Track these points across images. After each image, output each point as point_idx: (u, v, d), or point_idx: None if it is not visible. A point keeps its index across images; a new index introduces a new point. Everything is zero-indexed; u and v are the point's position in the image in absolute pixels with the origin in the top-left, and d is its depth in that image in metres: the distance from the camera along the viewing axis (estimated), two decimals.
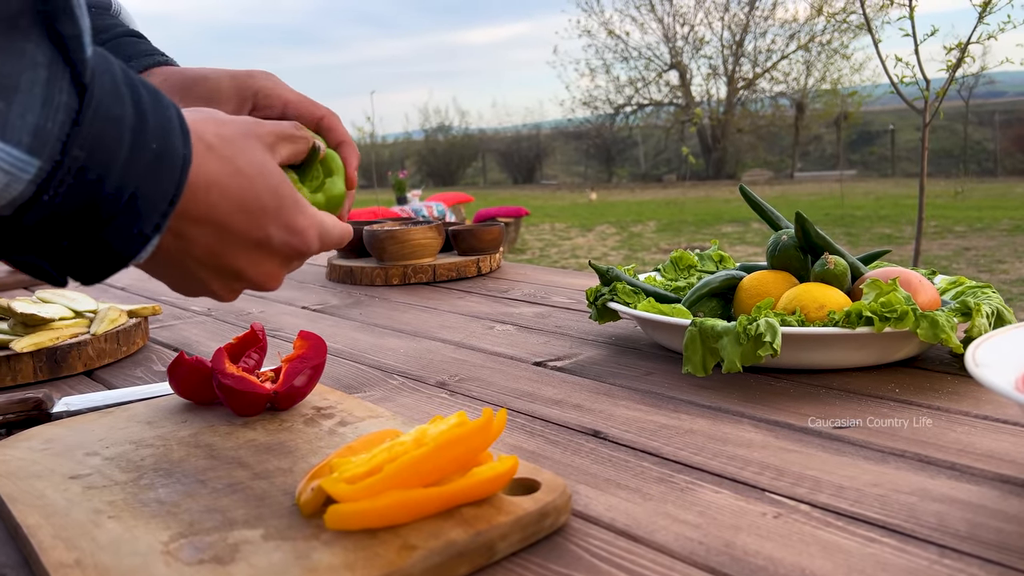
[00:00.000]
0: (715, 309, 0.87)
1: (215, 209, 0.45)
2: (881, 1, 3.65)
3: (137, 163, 0.39)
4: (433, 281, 1.38)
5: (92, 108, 0.37)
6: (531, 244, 8.13)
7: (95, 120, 0.37)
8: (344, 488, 0.44)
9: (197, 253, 0.46)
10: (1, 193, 0.35)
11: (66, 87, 0.36)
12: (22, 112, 0.34)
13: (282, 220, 0.48)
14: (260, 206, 0.47)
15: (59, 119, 0.35)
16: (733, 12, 18.94)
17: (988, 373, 0.49)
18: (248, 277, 0.49)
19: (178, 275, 0.48)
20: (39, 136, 0.35)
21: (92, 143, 0.37)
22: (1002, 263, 5.83)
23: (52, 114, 0.35)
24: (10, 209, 0.36)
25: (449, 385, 0.79)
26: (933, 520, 0.47)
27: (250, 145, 0.47)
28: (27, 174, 0.35)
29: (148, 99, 0.40)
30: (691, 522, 0.48)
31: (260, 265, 0.49)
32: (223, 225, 0.45)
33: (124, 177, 0.38)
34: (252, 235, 0.47)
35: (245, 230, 0.46)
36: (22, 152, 0.35)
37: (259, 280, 0.50)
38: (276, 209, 0.47)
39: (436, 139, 23.52)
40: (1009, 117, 17.55)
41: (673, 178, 18.95)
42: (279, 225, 0.48)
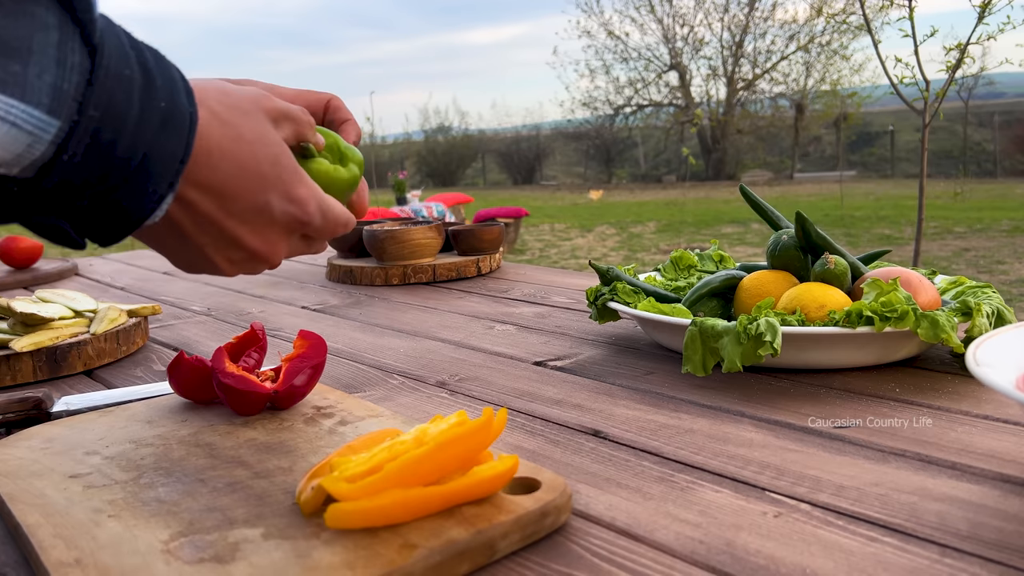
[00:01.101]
0: (715, 309, 0.87)
1: (216, 173, 0.45)
2: (881, 2, 3.65)
3: (148, 122, 0.39)
4: (433, 281, 1.38)
5: (103, 68, 0.37)
6: (531, 244, 8.13)
7: (107, 80, 0.37)
8: (344, 487, 0.44)
9: (198, 220, 0.46)
10: (24, 154, 0.36)
11: (77, 48, 0.36)
12: (39, 73, 0.35)
13: (281, 188, 0.48)
14: (260, 173, 0.47)
15: (74, 79, 0.36)
16: (733, 13, 18.96)
17: (989, 372, 0.49)
18: (248, 246, 0.48)
19: (180, 246, 0.48)
20: (57, 97, 0.36)
21: (105, 103, 0.37)
22: (1002, 264, 5.83)
23: (67, 75, 0.36)
24: (32, 170, 0.37)
25: (449, 385, 0.79)
26: (934, 519, 0.47)
27: (253, 114, 0.47)
28: (48, 135, 0.36)
29: (152, 60, 0.40)
30: (692, 521, 0.48)
31: (260, 233, 0.48)
32: (223, 190, 0.45)
33: (136, 136, 0.39)
34: (252, 201, 0.47)
35: (245, 196, 0.46)
36: (42, 113, 0.35)
37: (260, 250, 0.49)
38: (276, 177, 0.47)
39: (436, 140, 23.53)
40: (1009, 118, 17.55)
41: (673, 179, 18.95)
42: (279, 193, 0.48)
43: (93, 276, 1.67)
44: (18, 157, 0.36)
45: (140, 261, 1.86)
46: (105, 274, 1.69)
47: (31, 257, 1.66)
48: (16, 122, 0.35)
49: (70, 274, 1.69)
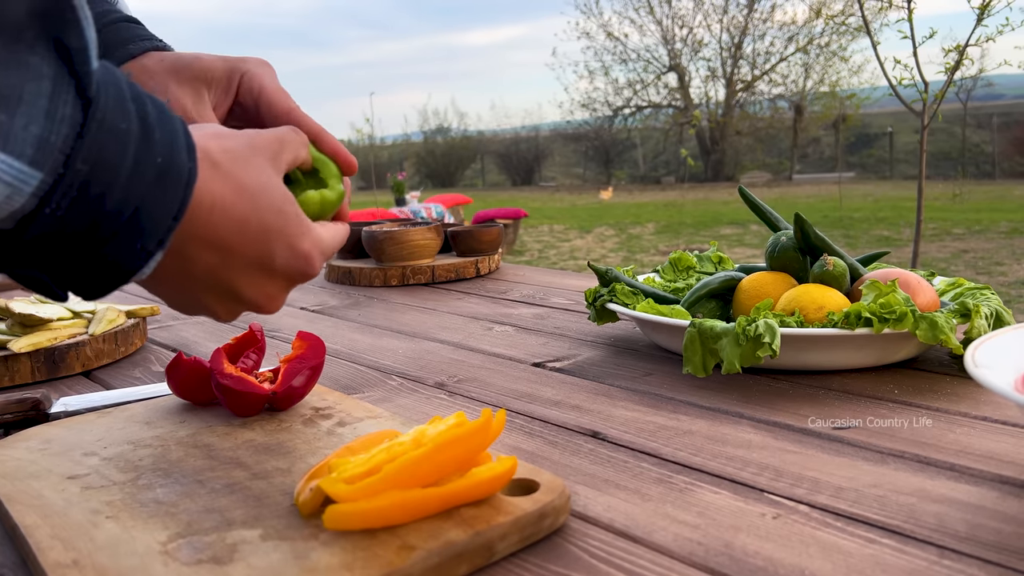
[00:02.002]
0: (714, 310, 0.87)
1: (217, 229, 0.44)
2: (880, 3, 3.65)
3: (141, 177, 0.38)
4: (432, 282, 1.38)
5: (96, 121, 0.36)
6: (530, 246, 8.13)
7: (99, 133, 0.36)
8: (343, 488, 0.44)
9: (197, 273, 0.45)
10: (2, 205, 0.34)
11: (70, 100, 0.35)
12: (25, 124, 0.34)
13: (285, 241, 0.47)
14: (264, 227, 0.46)
15: (63, 132, 0.35)
16: (732, 14, 18.98)
17: (987, 374, 0.49)
18: (248, 299, 0.48)
19: (176, 294, 0.47)
20: (42, 148, 0.34)
21: (96, 156, 0.36)
22: (1000, 265, 5.84)
23: (56, 127, 0.35)
24: (11, 222, 0.36)
25: (448, 386, 0.79)
26: (932, 521, 0.47)
27: (255, 160, 0.46)
28: (28, 187, 0.35)
29: (154, 112, 0.39)
30: (690, 523, 0.48)
31: (261, 287, 0.48)
32: (225, 246, 0.45)
33: (128, 191, 0.38)
34: (254, 256, 0.46)
35: (247, 251, 0.46)
36: (24, 164, 0.34)
37: (259, 302, 0.49)
38: (279, 230, 0.47)
39: (435, 141, 23.54)
40: (1007, 119, 17.57)
41: (672, 180, 18.96)
42: (283, 246, 0.47)
43: None
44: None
45: None
46: None
47: None
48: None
49: None
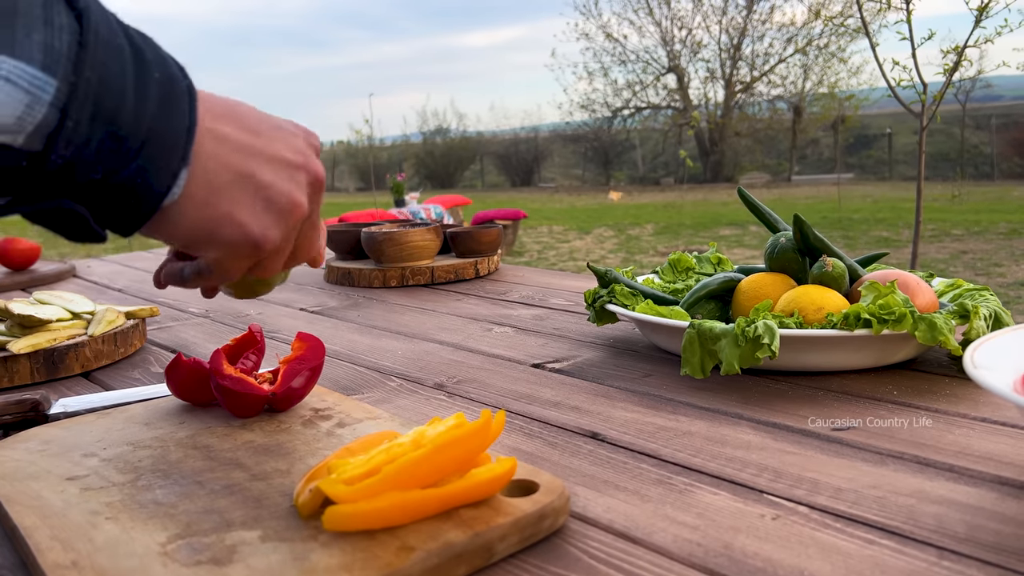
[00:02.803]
0: (713, 311, 0.87)
1: (236, 110, 0.45)
2: (878, 5, 3.66)
3: (146, 92, 0.38)
4: (431, 283, 1.38)
5: (93, 32, 0.36)
6: (529, 246, 8.13)
7: (98, 44, 0.36)
8: (342, 489, 0.44)
9: (239, 144, 0.45)
10: (25, 117, 0.34)
11: (63, 10, 0.35)
12: (27, 31, 0.34)
13: (289, 132, 0.49)
14: (269, 119, 0.48)
15: (64, 39, 0.35)
16: (731, 16, 18.98)
17: (986, 375, 0.49)
18: (277, 191, 0.46)
19: (205, 206, 0.43)
20: (49, 53, 0.34)
21: (101, 68, 0.36)
22: (999, 266, 5.84)
23: (56, 33, 0.35)
24: (40, 141, 0.35)
25: (447, 387, 0.79)
26: (932, 522, 0.47)
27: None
28: (47, 94, 0.34)
29: (137, 35, 0.40)
30: (689, 524, 0.48)
31: (286, 172, 0.47)
32: (247, 126, 0.45)
33: (138, 106, 0.38)
34: (272, 136, 0.47)
35: (263, 132, 0.47)
36: (36, 69, 0.34)
37: (290, 193, 0.47)
38: (281, 125, 0.49)
39: (434, 142, 23.54)
40: (1006, 121, 17.58)
41: (671, 181, 18.96)
42: (288, 135, 0.48)
43: (91, 278, 1.67)
44: (19, 121, 0.34)
45: (138, 263, 1.86)
46: (103, 276, 1.69)
47: (29, 259, 1.66)
48: (10, 77, 0.33)
49: (68, 276, 1.68)
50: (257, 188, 0.45)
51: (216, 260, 0.46)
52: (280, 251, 0.48)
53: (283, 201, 0.46)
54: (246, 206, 0.44)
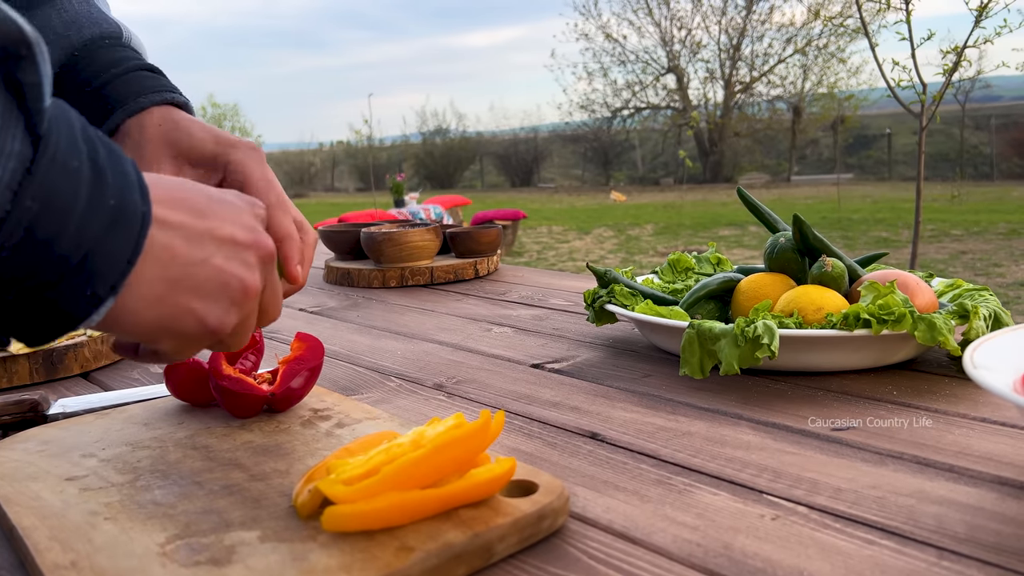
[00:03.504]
0: (713, 311, 0.87)
1: (179, 193, 0.44)
2: (878, 5, 3.66)
3: (94, 220, 0.37)
4: (431, 283, 1.38)
5: (47, 159, 0.35)
6: (528, 247, 8.13)
7: (50, 171, 0.35)
8: (341, 490, 0.44)
9: (190, 232, 0.43)
10: None
11: (20, 135, 0.34)
12: None
13: (238, 209, 0.47)
14: (220, 200, 0.47)
15: (10, 167, 0.34)
16: (730, 16, 19.00)
17: (986, 375, 0.49)
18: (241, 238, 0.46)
19: (190, 278, 0.43)
20: None
21: (46, 195, 0.35)
22: (998, 266, 5.84)
23: (3, 161, 0.34)
24: None
25: (447, 387, 0.79)
26: (931, 522, 0.47)
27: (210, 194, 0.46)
28: None
29: (104, 154, 0.38)
30: (689, 524, 0.48)
31: (236, 217, 0.46)
32: (190, 203, 0.44)
33: (80, 234, 0.36)
34: (213, 201, 0.46)
35: (207, 201, 0.45)
36: None
37: (242, 275, 0.46)
38: (233, 202, 0.48)
39: (434, 142, 23.54)
40: (1005, 121, 17.59)
41: (670, 181, 18.96)
42: (236, 212, 0.47)
43: None
44: None
45: None
46: None
47: None
48: None
49: None
50: (210, 275, 0.44)
51: (172, 347, 0.46)
52: (239, 329, 0.48)
53: (236, 286, 0.45)
54: (201, 296, 0.44)
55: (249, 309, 0.47)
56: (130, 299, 0.41)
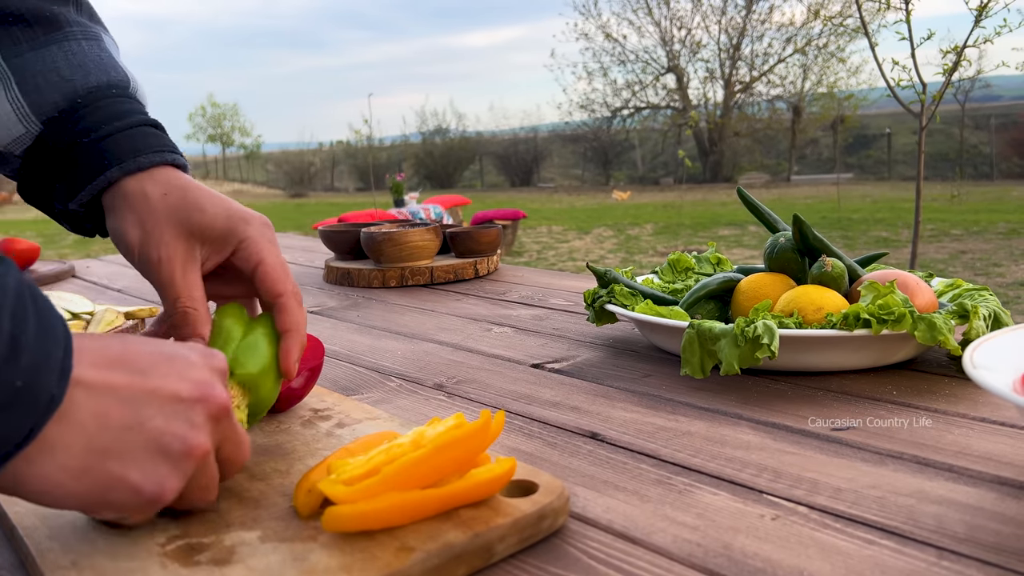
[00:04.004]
0: (713, 311, 0.87)
1: (120, 353, 0.42)
2: (878, 4, 3.66)
3: None
4: (431, 283, 1.38)
5: None
6: (528, 247, 8.13)
7: None
8: (342, 490, 0.44)
9: (127, 393, 0.41)
10: None
11: None
12: None
13: (181, 367, 0.44)
14: (159, 359, 0.43)
15: None
16: (730, 16, 18.99)
17: (986, 375, 0.49)
18: (186, 394, 0.43)
19: (122, 443, 0.40)
20: None
21: None
22: (998, 266, 5.84)
23: None
24: None
25: (447, 387, 0.79)
26: (931, 522, 0.47)
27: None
28: None
29: (33, 332, 0.37)
30: (689, 524, 0.48)
31: (183, 372, 0.44)
32: (131, 362, 0.42)
33: None
34: (158, 358, 0.43)
35: (150, 359, 0.43)
36: None
37: (184, 435, 0.42)
38: (171, 359, 0.44)
39: (433, 142, 23.54)
40: (1005, 121, 17.59)
41: (670, 181, 18.96)
42: (181, 369, 0.44)
43: (90, 278, 1.67)
44: None
45: None
46: (102, 276, 1.69)
47: (28, 259, 1.66)
48: None
49: (67, 276, 1.68)
50: (147, 439, 0.41)
51: (115, 516, 0.43)
52: (195, 489, 0.45)
53: (177, 447, 0.42)
54: (135, 462, 0.40)
55: (197, 469, 0.44)
56: (52, 471, 0.39)
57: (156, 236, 0.56)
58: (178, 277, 0.56)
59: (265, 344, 0.56)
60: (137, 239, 0.57)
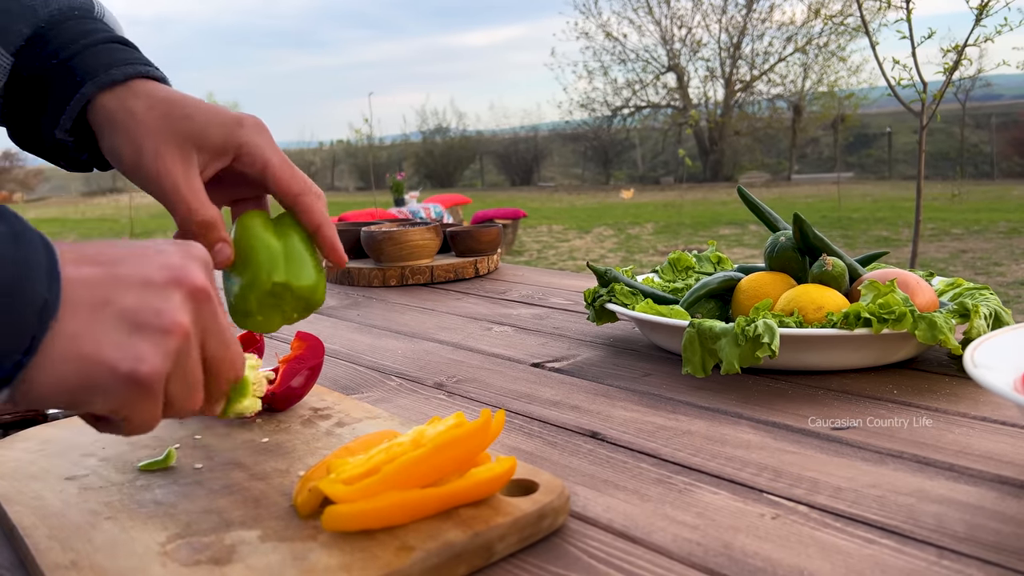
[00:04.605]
0: (713, 310, 0.87)
1: (88, 249, 0.42)
2: (878, 3, 3.66)
3: None
4: (431, 282, 1.38)
5: None
6: (529, 246, 8.13)
7: None
8: (341, 489, 0.44)
9: (96, 279, 0.41)
10: None
11: None
12: None
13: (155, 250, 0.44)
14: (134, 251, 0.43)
15: None
16: (730, 15, 18.98)
17: (986, 374, 0.49)
18: (158, 278, 0.42)
19: (95, 323, 0.40)
20: None
21: None
22: (999, 265, 5.84)
23: None
24: None
25: (447, 386, 0.79)
26: (931, 521, 0.47)
27: None
28: None
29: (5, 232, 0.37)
30: (689, 523, 0.48)
31: (156, 259, 0.43)
32: (99, 256, 0.42)
33: None
34: (130, 250, 0.43)
35: (122, 250, 0.43)
36: None
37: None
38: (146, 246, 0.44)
39: (434, 141, 23.53)
40: (1006, 120, 17.57)
41: (670, 180, 18.95)
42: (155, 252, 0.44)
43: None
44: None
45: None
46: None
47: None
48: None
49: None
50: (118, 316, 0.40)
51: (112, 412, 0.42)
52: (180, 380, 0.43)
53: (155, 322, 0.41)
54: (109, 340, 0.40)
55: (180, 354, 0.42)
56: (32, 369, 0.38)
57: (150, 149, 0.54)
58: (182, 186, 0.54)
59: (303, 249, 0.56)
60: (131, 156, 0.55)
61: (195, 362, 0.44)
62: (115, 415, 0.42)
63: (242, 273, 0.55)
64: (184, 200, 0.54)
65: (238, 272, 0.55)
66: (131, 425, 0.43)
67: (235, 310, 0.55)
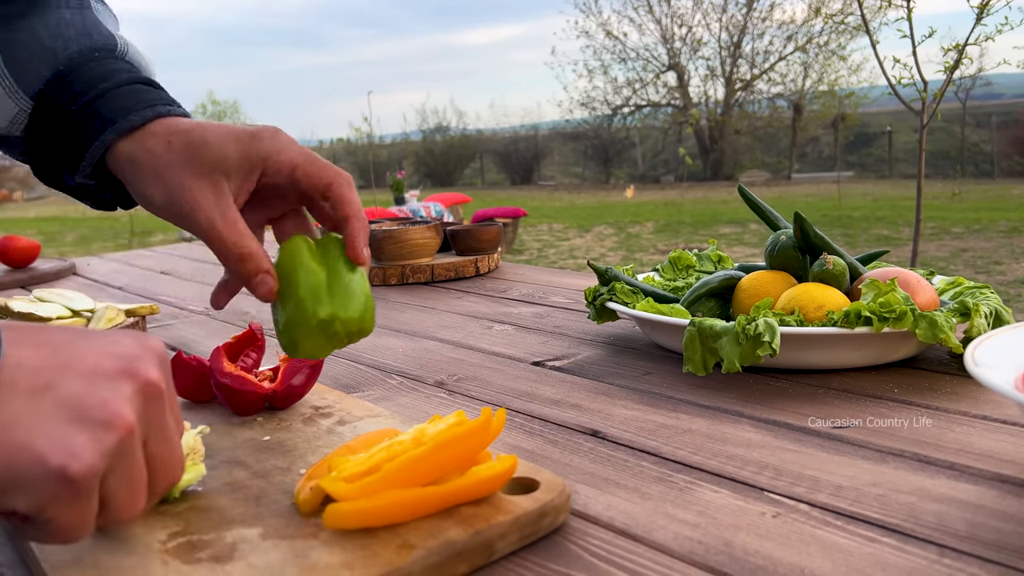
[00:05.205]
0: (714, 309, 0.87)
1: (32, 334, 0.39)
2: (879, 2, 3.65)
3: None
4: (431, 281, 1.38)
5: None
6: (529, 245, 8.13)
7: None
8: (342, 487, 0.44)
9: (37, 365, 0.37)
10: None
11: None
12: None
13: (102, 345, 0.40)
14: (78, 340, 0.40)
15: None
16: (731, 13, 18.97)
17: (987, 373, 0.49)
18: (108, 367, 0.39)
19: (30, 409, 0.36)
20: None
21: None
22: (999, 264, 5.84)
23: None
24: None
25: (448, 385, 0.79)
26: (932, 520, 0.47)
27: None
28: None
29: None
30: (690, 521, 0.48)
31: (106, 349, 0.40)
32: (44, 342, 0.39)
33: None
34: (78, 337, 0.40)
35: (68, 338, 0.40)
36: None
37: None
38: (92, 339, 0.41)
39: (434, 140, 23.52)
40: (1006, 119, 17.56)
41: (671, 179, 18.94)
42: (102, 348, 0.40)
43: (91, 276, 1.67)
44: None
45: (138, 261, 1.86)
46: (103, 274, 1.69)
47: (29, 257, 1.66)
48: None
49: (68, 274, 1.68)
50: (59, 403, 0.36)
51: (36, 511, 0.36)
52: (121, 480, 0.39)
53: (97, 413, 0.37)
54: (43, 430, 0.36)
55: (122, 453, 0.38)
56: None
57: (177, 185, 0.53)
58: (217, 219, 0.52)
59: (349, 274, 0.53)
60: (161, 197, 0.53)
61: (139, 461, 0.39)
62: (39, 515, 0.36)
63: (286, 305, 0.53)
64: (219, 234, 0.52)
65: (283, 303, 0.53)
66: (55, 528, 0.37)
67: (283, 341, 0.54)
